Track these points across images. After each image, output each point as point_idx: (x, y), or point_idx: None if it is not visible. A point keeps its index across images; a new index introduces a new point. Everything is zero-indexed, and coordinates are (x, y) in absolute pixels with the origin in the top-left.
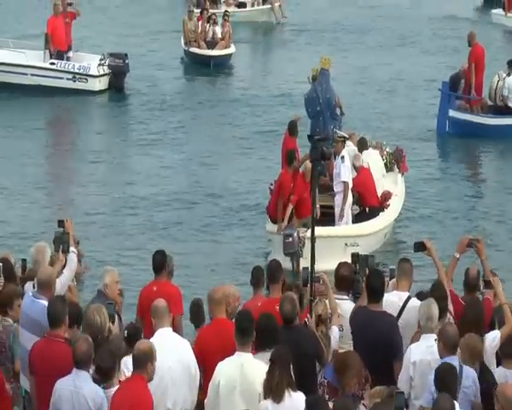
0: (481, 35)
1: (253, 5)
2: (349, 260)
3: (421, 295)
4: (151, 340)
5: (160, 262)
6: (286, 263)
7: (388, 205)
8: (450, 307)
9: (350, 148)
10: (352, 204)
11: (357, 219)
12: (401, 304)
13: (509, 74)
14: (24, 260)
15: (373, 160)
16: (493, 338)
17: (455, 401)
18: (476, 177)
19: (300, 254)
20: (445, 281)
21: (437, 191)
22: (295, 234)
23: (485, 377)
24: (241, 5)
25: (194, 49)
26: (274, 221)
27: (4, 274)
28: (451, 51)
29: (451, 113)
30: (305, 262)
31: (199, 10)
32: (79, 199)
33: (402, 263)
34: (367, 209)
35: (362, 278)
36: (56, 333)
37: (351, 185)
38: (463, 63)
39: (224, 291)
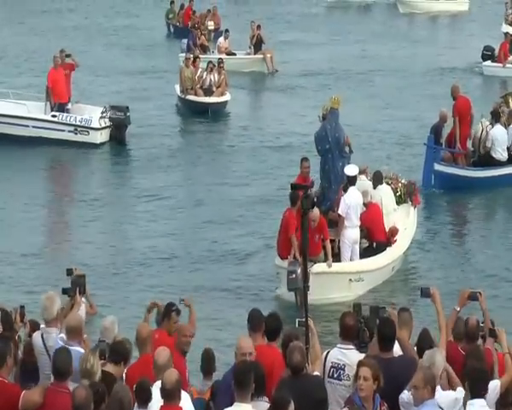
0: (474, 86)
1: (248, 54)
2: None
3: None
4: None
5: None
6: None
7: (395, 241)
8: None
9: (363, 182)
10: (361, 238)
11: (365, 252)
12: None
13: (492, 125)
14: (22, 307)
15: (386, 195)
16: (495, 387)
17: None
18: (463, 229)
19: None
20: (444, 330)
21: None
22: (299, 270)
23: None
24: (232, 54)
25: (190, 97)
26: (282, 258)
27: (3, 324)
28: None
29: (437, 166)
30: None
31: (191, 56)
32: (80, 250)
33: (401, 313)
34: (374, 244)
35: (364, 327)
36: (61, 384)
37: (358, 223)
38: (441, 109)
39: (149, 330)
